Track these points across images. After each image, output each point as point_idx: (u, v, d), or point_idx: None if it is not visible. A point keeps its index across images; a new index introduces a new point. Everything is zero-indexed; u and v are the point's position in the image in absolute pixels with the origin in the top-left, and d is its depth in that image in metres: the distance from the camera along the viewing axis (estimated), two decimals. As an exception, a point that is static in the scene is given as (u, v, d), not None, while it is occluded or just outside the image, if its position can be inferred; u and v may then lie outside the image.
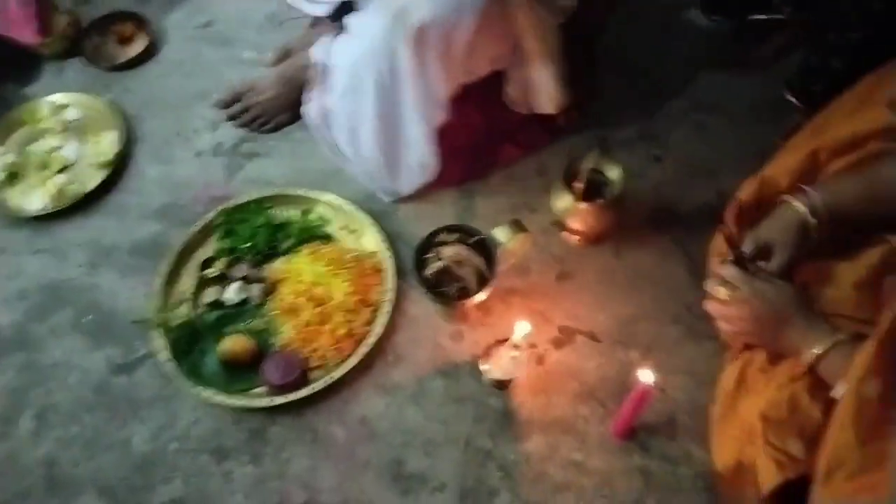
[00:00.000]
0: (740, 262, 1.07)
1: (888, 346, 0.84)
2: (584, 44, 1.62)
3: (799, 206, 1.06)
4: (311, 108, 1.45)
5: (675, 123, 1.59)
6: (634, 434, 1.21)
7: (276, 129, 1.60)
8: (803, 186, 1.07)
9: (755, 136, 1.55)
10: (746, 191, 1.19)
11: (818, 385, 0.97)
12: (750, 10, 1.63)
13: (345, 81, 1.30)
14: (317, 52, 1.40)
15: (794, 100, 1.46)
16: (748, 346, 1.11)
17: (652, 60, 1.69)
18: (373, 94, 1.27)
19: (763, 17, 1.57)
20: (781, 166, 1.17)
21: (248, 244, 1.39)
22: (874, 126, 1.09)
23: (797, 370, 1.00)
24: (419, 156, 1.37)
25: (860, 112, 1.14)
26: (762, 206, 1.16)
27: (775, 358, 1.05)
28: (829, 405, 0.94)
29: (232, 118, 1.60)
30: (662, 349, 1.30)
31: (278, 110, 1.58)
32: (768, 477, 0.93)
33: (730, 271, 1.05)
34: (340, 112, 1.35)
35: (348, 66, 1.29)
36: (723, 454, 1.07)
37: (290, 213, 1.45)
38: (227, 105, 1.61)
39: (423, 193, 1.48)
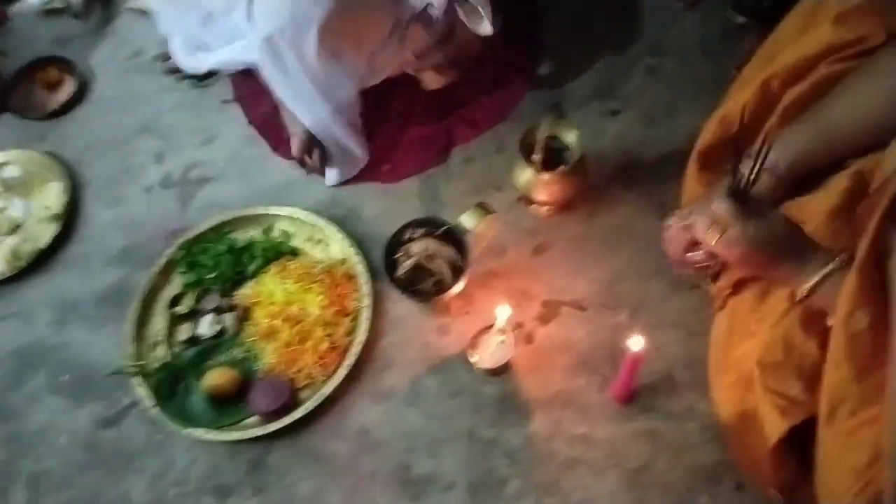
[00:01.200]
0: (735, 194, 0.93)
1: (869, 274, 0.81)
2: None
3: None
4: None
5: (627, 73, 1.55)
6: (635, 397, 1.19)
7: None
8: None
9: (709, 70, 1.51)
10: (707, 133, 1.15)
11: (810, 317, 0.94)
12: None
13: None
14: None
15: (744, 19, 1.42)
16: (734, 292, 1.08)
17: (592, 12, 1.65)
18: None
19: None
20: (736, 103, 1.13)
21: (214, 274, 1.35)
22: (821, 47, 1.05)
23: (787, 304, 0.97)
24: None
25: (806, 33, 1.10)
26: (726, 146, 1.13)
27: (763, 294, 1.03)
28: (824, 337, 0.91)
29: None
30: (649, 306, 1.27)
31: None
32: (773, 426, 0.91)
33: (724, 206, 0.91)
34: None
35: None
36: (725, 406, 1.05)
37: (251, 234, 1.41)
38: None
39: (384, 190, 1.44)
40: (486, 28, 1.32)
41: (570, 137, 1.29)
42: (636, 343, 1.03)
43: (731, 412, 1.03)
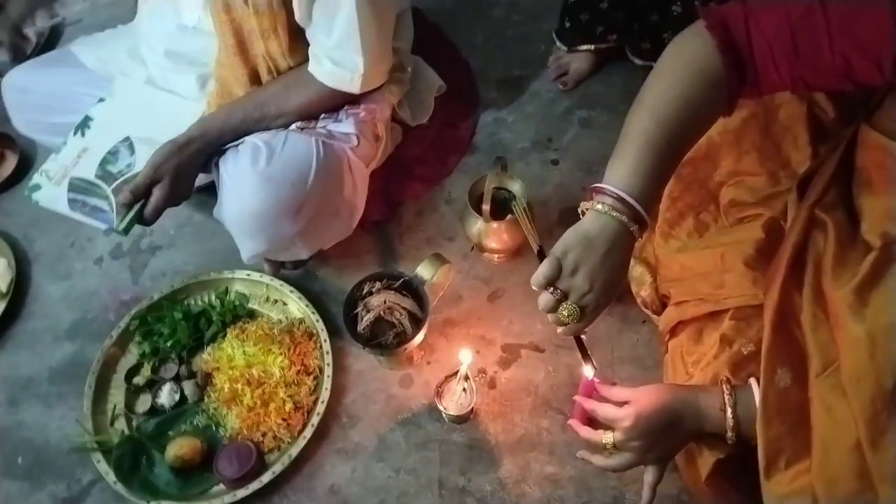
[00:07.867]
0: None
1: (781, 334, 0.87)
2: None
3: (617, 215, 0.85)
4: None
5: (563, 125, 1.64)
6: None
7: None
8: (602, 186, 0.87)
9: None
10: None
11: (739, 362, 0.98)
12: None
13: None
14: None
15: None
16: (672, 335, 1.14)
17: (523, 70, 1.74)
18: None
19: None
20: None
21: (171, 342, 1.34)
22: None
23: (717, 347, 1.01)
24: None
25: None
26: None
27: (698, 336, 1.08)
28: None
29: None
30: (603, 343, 1.32)
31: None
32: (704, 460, 0.96)
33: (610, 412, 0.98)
34: None
35: None
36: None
37: (207, 300, 1.41)
38: None
39: (339, 248, 1.46)
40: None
41: (515, 187, 1.35)
42: (588, 371, 1.06)
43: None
